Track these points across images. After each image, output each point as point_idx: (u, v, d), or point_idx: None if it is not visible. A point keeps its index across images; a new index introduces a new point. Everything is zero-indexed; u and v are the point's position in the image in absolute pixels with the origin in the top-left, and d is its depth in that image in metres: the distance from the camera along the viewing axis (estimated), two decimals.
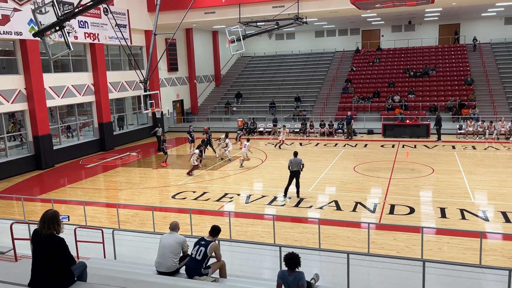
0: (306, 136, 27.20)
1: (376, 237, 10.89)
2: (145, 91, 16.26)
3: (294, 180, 14.48)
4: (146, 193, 16.02)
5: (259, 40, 38.64)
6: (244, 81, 37.55)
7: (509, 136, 23.49)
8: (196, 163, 18.51)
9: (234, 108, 33.82)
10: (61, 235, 5.11)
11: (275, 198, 14.59)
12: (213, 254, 7.27)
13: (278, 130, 25.72)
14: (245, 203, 14.33)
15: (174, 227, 7.60)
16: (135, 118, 29.80)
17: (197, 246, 7.20)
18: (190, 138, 22.88)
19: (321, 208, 13.56)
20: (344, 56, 37.76)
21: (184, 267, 7.30)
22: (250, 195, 15.12)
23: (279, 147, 23.51)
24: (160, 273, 7.27)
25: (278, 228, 11.26)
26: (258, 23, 23.56)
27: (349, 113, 26.27)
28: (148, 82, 16.37)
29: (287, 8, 23.47)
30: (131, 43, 25.83)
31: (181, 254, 7.46)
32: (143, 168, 20.56)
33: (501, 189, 14.65)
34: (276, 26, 23.16)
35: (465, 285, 8.27)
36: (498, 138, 23.59)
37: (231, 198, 14.86)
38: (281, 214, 13.08)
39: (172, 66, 32.18)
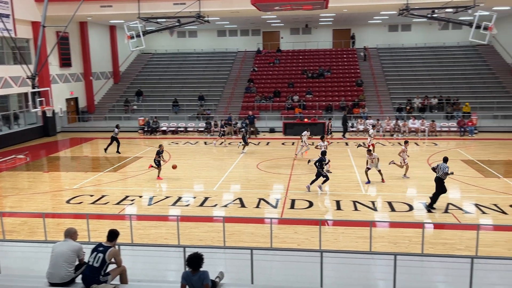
0: (211, 135, 27.21)
1: (278, 231, 11.28)
2: (33, 87, 14.91)
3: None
4: (36, 199, 14.67)
5: (160, 37, 37.70)
6: (145, 79, 36.34)
7: (393, 133, 25.97)
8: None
9: (135, 107, 32.56)
10: None
11: (179, 199, 14.35)
12: (113, 260, 6.90)
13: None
14: (148, 205, 13.87)
15: (69, 234, 7.06)
16: (23, 117, 27.13)
17: (95, 252, 6.77)
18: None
19: (225, 206, 13.65)
20: (246, 56, 38.50)
21: (80, 276, 6.82)
22: (153, 196, 14.67)
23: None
24: (52, 284, 6.70)
25: (182, 228, 11.08)
26: (158, 20, 22.93)
27: (250, 112, 26.85)
28: (37, 78, 15.01)
29: (189, 6, 23.19)
30: (15, 35, 23.46)
31: (77, 263, 6.96)
32: (32, 172, 18.78)
33: (387, 181, 16.10)
34: (177, 24, 22.78)
35: (358, 271, 8.92)
36: (384, 135, 25.94)
37: (132, 200, 14.27)
38: (186, 215, 12.91)
39: (65, 62, 29.91)
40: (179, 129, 28.44)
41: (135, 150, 21.99)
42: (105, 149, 21.92)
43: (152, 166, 17.16)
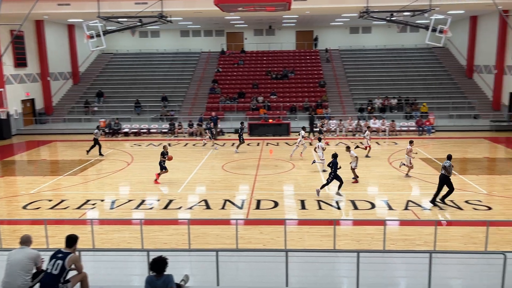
0: (175, 136, 26.88)
1: (244, 232, 11.28)
2: None
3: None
4: None
5: (122, 36, 36.91)
6: (106, 80, 35.44)
7: (355, 133, 26.56)
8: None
9: (95, 108, 31.68)
10: None
11: (143, 202, 14.08)
12: (73, 266, 6.68)
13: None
14: (110, 208, 13.53)
15: (25, 241, 6.79)
16: None
17: (54, 259, 6.53)
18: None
19: (191, 208, 13.52)
20: (210, 57, 38.30)
21: (38, 284, 6.56)
22: (115, 200, 14.32)
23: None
24: None
25: (146, 232, 10.87)
26: (119, 19, 22.42)
27: (213, 113, 26.70)
28: None
29: (151, 5, 22.79)
30: None
31: (34, 271, 6.68)
32: None
33: (350, 180, 16.42)
34: (139, 24, 22.35)
35: (322, 269, 9.06)
36: (346, 135, 26.48)
37: (93, 204, 13.87)
38: (150, 218, 12.68)
39: (20, 61, 28.69)
40: (141, 130, 27.92)
41: (96, 153, 21.34)
42: (88, 151, 21.30)
43: (160, 174, 16.40)
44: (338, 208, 13.34)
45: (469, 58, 33.59)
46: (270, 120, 27.54)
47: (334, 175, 14.12)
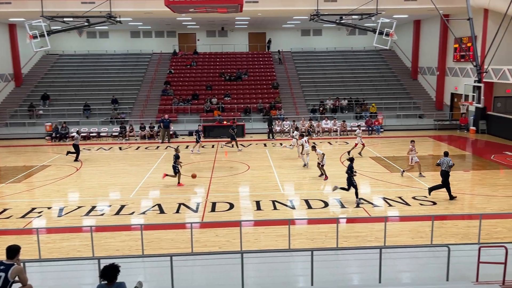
0: (126, 139, 26.17)
1: (199, 235, 11.16)
2: None
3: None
4: None
5: (68, 37, 35.47)
6: (52, 82, 33.89)
7: (307, 134, 27.00)
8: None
9: (41, 112, 30.23)
10: None
11: (93, 208, 13.58)
12: (17, 278, 6.32)
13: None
14: (58, 216, 12.95)
15: None
16: None
17: None
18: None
19: (144, 213, 13.20)
20: (162, 58, 37.67)
21: None
22: (63, 207, 13.72)
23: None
24: None
25: (97, 239, 10.51)
26: (65, 19, 21.56)
27: (166, 116, 26.16)
28: None
29: (98, 5, 22.10)
30: None
31: None
32: None
33: (304, 179, 16.74)
34: (86, 24, 21.61)
35: (278, 269, 9.15)
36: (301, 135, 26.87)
37: (40, 212, 13.22)
38: (101, 224, 12.26)
39: None
40: (91, 134, 26.96)
41: (42, 158, 20.41)
42: (76, 160, 20.30)
43: (167, 175, 16.05)
44: (293, 207, 13.52)
45: (413, 60, 35.22)
46: (225, 122, 27.47)
47: (350, 179, 13.71)
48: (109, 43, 38.87)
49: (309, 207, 13.55)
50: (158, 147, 23.75)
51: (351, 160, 14.20)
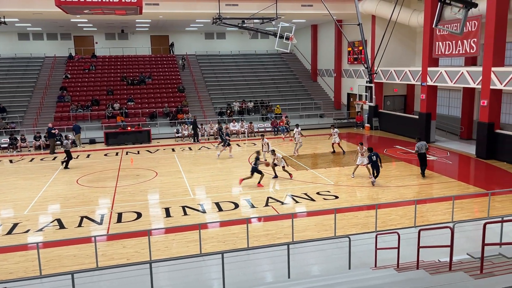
0: (17, 151, 23.85)
1: (106, 248, 10.57)
2: None
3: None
4: None
5: None
6: None
7: (217, 136, 27.06)
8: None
9: None
10: None
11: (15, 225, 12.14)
12: None
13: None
14: None
15: None
16: None
17: None
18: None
19: (41, 230, 12.14)
20: (56, 62, 35.07)
21: None
22: None
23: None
24: None
25: None
26: None
27: (50, 124, 24.17)
28: None
29: None
30: None
31: None
32: None
33: (214, 182, 16.73)
34: None
35: (191, 275, 9.01)
36: (208, 139, 26.87)
37: None
38: None
39: None
40: None
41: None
42: (65, 167, 19.25)
43: (243, 180, 16.22)
44: (204, 211, 13.42)
45: (313, 63, 37.18)
46: (129, 128, 26.39)
47: (375, 164, 15.60)
48: None
49: (220, 209, 13.56)
50: (55, 158, 22.03)
51: (370, 150, 15.98)
